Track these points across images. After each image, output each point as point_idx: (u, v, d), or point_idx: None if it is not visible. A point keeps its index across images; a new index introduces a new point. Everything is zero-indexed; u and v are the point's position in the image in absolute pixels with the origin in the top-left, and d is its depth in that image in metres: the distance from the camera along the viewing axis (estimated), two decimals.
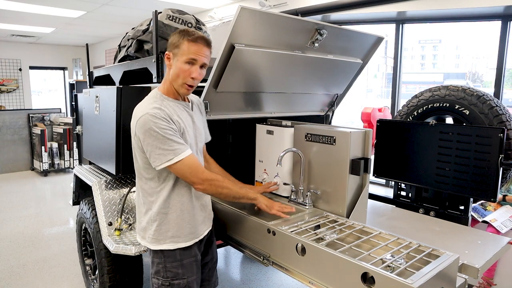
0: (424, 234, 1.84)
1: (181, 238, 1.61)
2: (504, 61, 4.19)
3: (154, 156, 1.49)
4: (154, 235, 1.60)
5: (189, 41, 1.52)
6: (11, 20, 7.23)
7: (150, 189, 1.60)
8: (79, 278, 3.05)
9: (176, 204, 1.59)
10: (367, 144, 1.88)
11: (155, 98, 1.57)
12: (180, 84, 1.56)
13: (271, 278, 3.14)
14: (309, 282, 1.42)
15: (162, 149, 1.47)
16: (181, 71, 1.53)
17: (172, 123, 1.51)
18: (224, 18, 6.10)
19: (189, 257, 1.63)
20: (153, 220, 1.60)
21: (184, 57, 1.52)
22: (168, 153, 1.47)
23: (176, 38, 1.55)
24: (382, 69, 6.66)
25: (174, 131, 1.50)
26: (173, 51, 1.55)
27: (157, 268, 1.61)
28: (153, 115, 1.47)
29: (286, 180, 2.15)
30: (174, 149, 1.47)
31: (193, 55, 1.52)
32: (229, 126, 2.52)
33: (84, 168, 2.88)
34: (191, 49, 1.52)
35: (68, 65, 11.03)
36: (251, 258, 1.71)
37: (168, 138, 1.47)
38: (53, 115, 7.33)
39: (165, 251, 1.60)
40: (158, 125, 1.46)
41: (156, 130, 1.46)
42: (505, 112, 2.07)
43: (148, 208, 1.62)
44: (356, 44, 2.29)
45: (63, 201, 5.33)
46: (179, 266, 1.60)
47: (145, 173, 1.59)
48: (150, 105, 1.51)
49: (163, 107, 1.52)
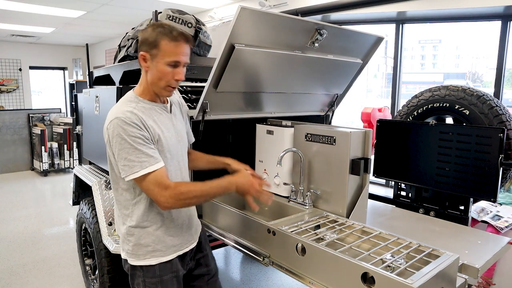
0: (424, 234, 1.84)
1: (163, 251, 1.51)
2: (504, 61, 4.19)
3: (120, 166, 1.36)
4: (133, 250, 1.49)
5: (170, 40, 1.37)
6: (11, 20, 7.23)
7: (125, 201, 1.48)
8: (79, 278, 3.05)
9: (155, 216, 1.48)
10: (367, 144, 1.88)
11: (129, 100, 1.45)
12: (163, 87, 1.44)
13: (271, 278, 3.14)
14: (309, 282, 1.42)
15: (128, 159, 1.34)
16: (164, 74, 1.40)
17: (144, 129, 1.37)
18: (224, 18, 6.10)
19: (169, 273, 1.52)
20: (130, 234, 1.49)
21: (166, 59, 1.39)
22: (135, 165, 1.33)
23: (153, 36, 1.38)
24: (382, 69, 6.66)
25: (145, 138, 1.36)
26: (151, 52, 1.39)
27: (138, 280, 1.52)
28: (123, 120, 1.34)
29: (286, 180, 2.15)
30: (141, 161, 1.34)
31: (176, 57, 1.39)
32: (229, 126, 2.52)
33: (84, 168, 2.89)
34: (174, 50, 1.38)
35: (68, 65, 11.03)
36: (251, 258, 1.71)
37: (136, 147, 1.33)
38: (53, 115, 7.34)
39: (144, 266, 1.50)
40: (127, 132, 1.33)
41: (124, 137, 1.33)
42: (505, 112, 2.07)
43: (123, 222, 1.51)
44: (356, 44, 2.29)
45: (63, 201, 5.33)
46: (158, 283, 1.50)
47: (121, 183, 1.46)
48: (123, 108, 1.39)
49: (136, 111, 1.39)
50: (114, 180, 1.52)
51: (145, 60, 1.43)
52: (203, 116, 1.99)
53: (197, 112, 1.96)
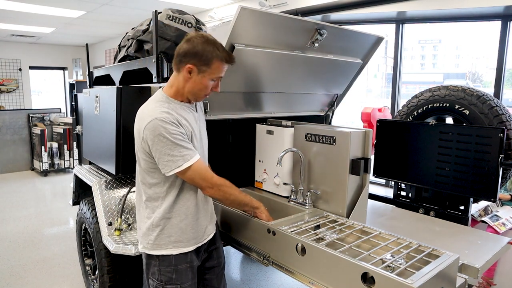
0: (424, 234, 1.84)
1: (184, 243, 1.58)
2: (504, 61, 4.19)
3: (163, 162, 1.46)
4: (156, 240, 1.56)
5: (223, 62, 1.49)
6: (11, 20, 7.22)
7: (155, 194, 1.56)
8: (79, 278, 3.05)
9: (180, 208, 1.57)
10: (367, 144, 1.88)
11: (161, 101, 1.52)
12: (201, 97, 1.55)
13: (271, 278, 3.14)
14: (309, 282, 1.42)
15: (171, 155, 1.44)
16: (206, 88, 1.51)
17: (181, 127, 1.47)
18: (224, 18, 6.09)
19: (184, 263, 1.59)
20: (155, 226, 1.56)
21: (214, 76, 1.49)
22: (178, 159, 1.44)
23: (206, 53, 1.45)
24: (382, 69, 6.66)
25: (183, 135, 1.47)
26: (200, 68, 1.47)
27: (153, 270, 1.58)
28: (162, 119, 1.43)
29: (286, 180, 2.14)
30: (183, 155, 1.45)
31: (221, 74, 1.52)
32: (229, 126, 2.51)
33: (84, 168, 2.88)
34: (222, 70, 1.51)
35: (68, 65, 11.03)
36: (251, 258, 1.71)
37: (177, 143, 1.44)
38: (53, 115, 7.33)
39: (160, 256, 1.56)
40: (168, 130, 1.42)
41: (166, 136, 1.42)
42: (505, 112, 2.07)
43: (151, 213, 1.58)
44: (356, 44, 2.29)
45: (63, 201, 5.33)
46: (173, 271, 1.57)
47: (150, 178, 1.55)
48: (158, 109, 1.47)
49: (171, 111, 1.48)
50: (142, 175, 1.59)
51: (190, 72, 1.48)
52: None
53: None
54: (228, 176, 2.37)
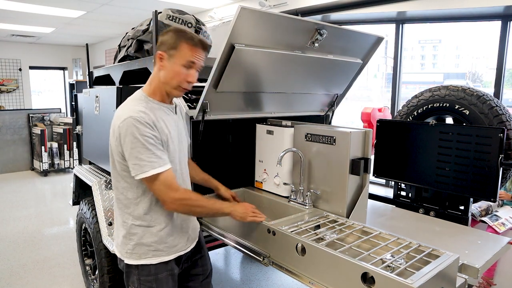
0: (424, 234, 1.84)
1: (164, 251, 1.53)
2: (504, 61, 4.19)
3: (131, 164, 1.40)
4: (134, 249, 1.50)
5: (190, 44, 1.46)
6: (11, 20, 7.23)
7: (126, 199, 1.50)
8: (79, 278, 3.05)
9: (160, 217, 1.51)
10: (367, 144, 1.88)
11: (139, 100, 1.49)
12: (175, 87, 1.48)
13: (271, 278, 3.14)
14: (309, 282, 1.42)
15: (139, 158, 1.38)
16: (177, 74, 1.46)
17: (155, 130, 1.42)
18: (224, 18, 6.10)
19: (164, 271, 1.54)
20: (132, 234, 1.50)
21: (183, 60, 1.45)
22: (145, 165, 1.38)
23: (173, 38, 1.46)
24: (382, 69, 6.66)
25: (156, 139, 1.41)
26: (169, 52, 1.46)
27: (133, 278, 1.54)
28: (137, 119, 1.38)
29: (286, 180, 2.15)
30: (151, 161, 1.38)
31: (193, 59, 1.47)
32: (229, 126, 2.51)
33: (84, 168, 2.89)
34: (192, 53, 1.46)
35: (68, 65, 11.03)
36: (251, 258, 1.71)
37: (147, 147, 1.38)
38: (53, 115, 7.34)
39: (140, 265, 1.51)
40: (140, 131, 1.37)
41: (137, 137, 1.37)
42: (505, 112, 2.07)
43: (126, 220, 1.52)
44: (356, 44, 2.29)
45: (63, 201, 5.33)
46: (153, 281, 1.51)
47: (123, 181, 1.49)
48: (135, 107, 1.43)
49: (148, 111, 1.43)
50: (115, 178, 1.53)
51: (161, 59, 1.48)
52: (203, 116, 1.99)
53: (197, 112, 1.96)
54: (228, 176, 2.39)
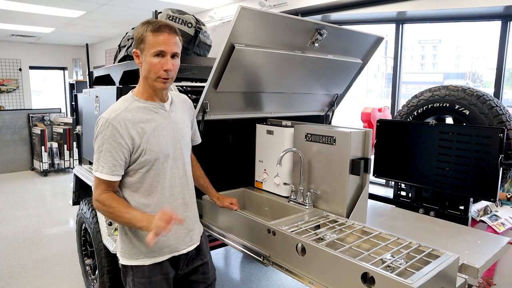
0: (424, 234, 1.84)
1: (156, 252, 1.51)
2: (504, 61, 4.19)
3: (93, 160, 1.45)
4: (127, 249, 1.51)
5: (153, 31, 1.41)
6: (11, 20, 7.22)
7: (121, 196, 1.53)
8: (79, 278, 3.05)
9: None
10: (367, 144, 1.88)
11: (125, 100, 1.50)
12: (154, 79, 1.45)
13: (271, 278, 3.14)
14: (309, 282, 1.42)
15: (96, 157, 1.43)
16: (152, 66, 1.43)
17: (123, 136, 1.40)
18: (224, 18, 6.09)
19: (159, 274, 1.52)
20: (124, 234, 1.51)
21: (151, 50, 1.41)
22: (95, 165, 1.43)
23: (140, 32, 1.44)
24: (382, 69, 6.66)
25: (119, 146, 1.40)
26: (140, 47, 1.45)
27: (128, 279, 1.54)
28: (108, 120, 1.40)
29: (286, 180, 2.15)
30: (98, 165, 1.42)
31: (160, 47, 1.41)
32: (229, 126, 2.51)
33: (84, 168, 2.89)
34: (157, 40, 1.41)
35: (68, 65, 11.02)
36: (251, 258, 1.71)
37: (102, 150, 1.40)
38: (53, 115, 7.34)
39: (134, 266, 1.51)
40: (105, 133, 1.40)
41: (99, 137, 1.41)
42: (505, 112, 2.07)
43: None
44: (356, 44, 2.29)
45: (63, 201, 5.33)
46: (147, 283, 1.51)
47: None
48: (116, 107, 1.45)
49: (127, 112, 1.44)
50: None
51: (137, 56, 1.48)
52: (203, 116, 1.99)
53: (197, 112, 1.96)
54: (228, 176, 2.39)
